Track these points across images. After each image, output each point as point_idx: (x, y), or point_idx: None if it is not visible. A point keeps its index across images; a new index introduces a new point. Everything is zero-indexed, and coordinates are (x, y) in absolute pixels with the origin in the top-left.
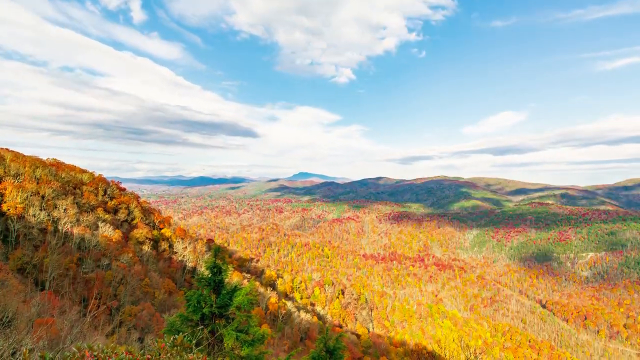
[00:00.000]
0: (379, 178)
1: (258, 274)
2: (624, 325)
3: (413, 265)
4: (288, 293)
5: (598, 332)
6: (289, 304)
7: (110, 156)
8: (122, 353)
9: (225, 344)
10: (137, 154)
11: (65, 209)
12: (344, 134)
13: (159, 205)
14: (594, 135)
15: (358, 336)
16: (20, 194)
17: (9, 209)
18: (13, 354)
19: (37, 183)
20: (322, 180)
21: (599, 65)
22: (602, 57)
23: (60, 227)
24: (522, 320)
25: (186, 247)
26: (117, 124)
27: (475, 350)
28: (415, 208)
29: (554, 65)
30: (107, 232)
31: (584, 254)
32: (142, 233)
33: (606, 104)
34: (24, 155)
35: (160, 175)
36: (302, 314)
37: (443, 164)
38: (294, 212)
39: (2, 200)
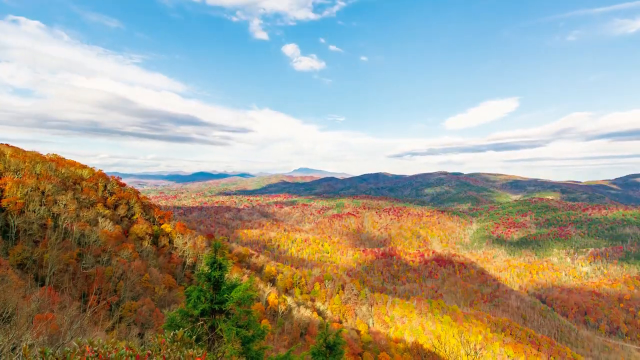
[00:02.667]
0: (378, 173)
1: (258, 270)
2: (624, 321)
3: (413, 261)
4: (288, 288)
5: (598, 327)
6: (289, 299)
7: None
8: (122, 348)
9: (225, 340)
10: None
11: (65, 205)
12: (322, 127)
13: (159, 200)
14: (599, 128)
15: (358, 332)
16: (20, 189)
17: (9, 205)
18: (13, 349)
19: (37, 178)
20: (322, 176)
21: (614, 27)
22: (621, 12)
23: (60, 223)
24: (522, 316)
25: (186, 243)
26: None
27: (475, 345)
28: (415, 203)
29: (555, 28)
30: (107, 227)
31: (584, 250)
32: (142, 228)
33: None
34: (24, 151)
35: (160, 170)
36: (302, 310)
37: (443, 160)
38: (294, 207)
39: (2, 196)
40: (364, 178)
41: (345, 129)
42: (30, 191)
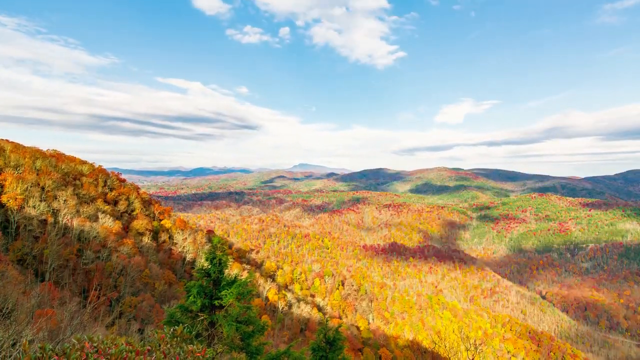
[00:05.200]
0: (379, 169)
1: (258, 265)
2: (624, 316)
3: (413, 257)
4: (288, 284)
5: (598, 323)
6: (289, 295)
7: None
8: (122, 344)
9: (225, 335)
10: None
11: (65, 200)
12: (302, 119)
13: (159, 196)
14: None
15: (358, 328)
16: (20, 185)
17: (9, 200)
18: (13, 345)
19: (37, 174)
20: (321, 172)
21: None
22: None
23: (60, 219)
24: (522, 312)
25: (186, 238)
26: None
27: (475, 341)
28: (416, 199)
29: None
30: (107, 223)
31: (584, 245)
32: (142, 224)
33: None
34: (24, 147)
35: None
36: (302, 305)
37: (443, 156)
38: (294, 203)
39: (2, 192)
40: (364, 174)
41: (329, 121)
42: (30, 187)
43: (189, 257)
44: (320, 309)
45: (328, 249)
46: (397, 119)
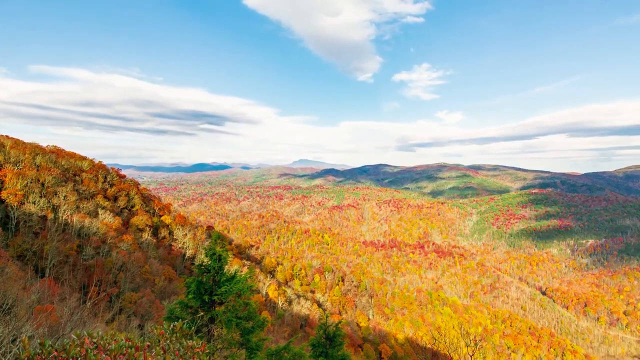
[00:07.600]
0: (379, 165)
1: (258, 261)
2: (624, 312)
3: (413, 252)
4: (288, 280)
5: (598, 319)
6: (289, 291)
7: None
8: (122, 340)
9: (225, 331)
10: None
11: (65, 196)
12: (280, 110)
13: (159, 192)
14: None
15: (358, 324)
16: (20, 181)
17: (9, 196)
18: (13, 340)
19: (37, 170)
20: (322, 167)
21: None
22: None
23: (60, 214)
24: (522, 307)
25: (186, 234)
26: None
27: (475, 337)
28: (416, 195)
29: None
30: (107, 219)
31: (584, 241)
32: (142, 220)
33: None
34: (24, 142)
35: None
36: (302, 301)
37: (444, 152)
38: (294, 199)
39: (2, 188)
40: (364, 169)
41: (310, 114)
42: (30, 183)
43: (189, 253)
44: (320, 305)
45: (328, 244)
46: (395, 113)
